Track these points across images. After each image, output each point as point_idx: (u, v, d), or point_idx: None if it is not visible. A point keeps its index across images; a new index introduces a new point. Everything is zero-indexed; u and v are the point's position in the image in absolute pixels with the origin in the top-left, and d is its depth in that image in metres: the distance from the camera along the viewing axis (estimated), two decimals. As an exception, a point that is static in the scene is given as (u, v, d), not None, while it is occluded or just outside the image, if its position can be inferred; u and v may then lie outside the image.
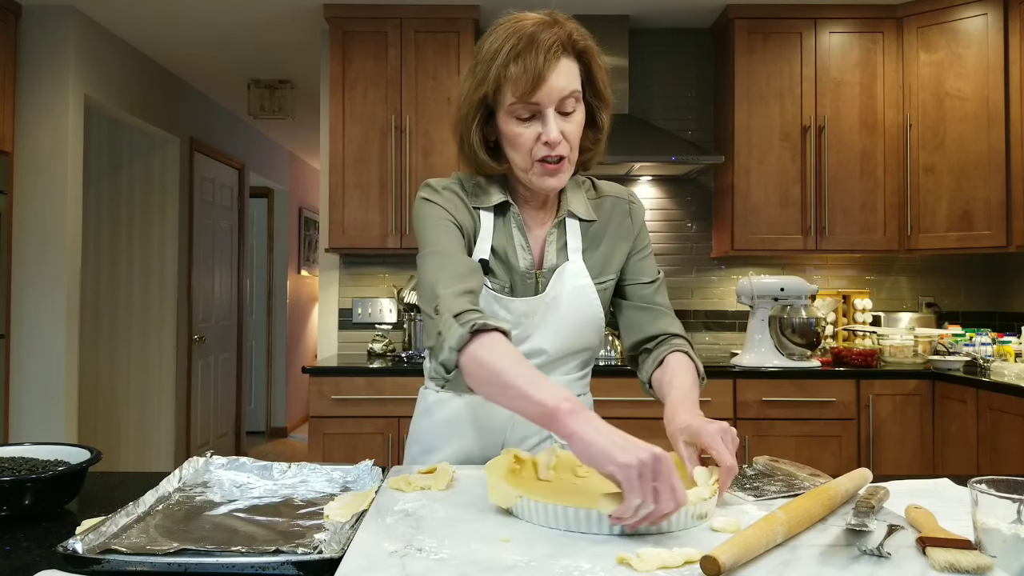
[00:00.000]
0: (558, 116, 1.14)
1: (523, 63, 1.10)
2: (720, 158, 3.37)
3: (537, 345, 1.25)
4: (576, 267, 1.25)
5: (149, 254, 4.59)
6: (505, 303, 1.23)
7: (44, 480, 0.97)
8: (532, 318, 1.24)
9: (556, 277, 1.25)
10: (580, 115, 1.18)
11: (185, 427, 4.73)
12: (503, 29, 1.15)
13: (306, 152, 7.04)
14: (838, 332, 3.67)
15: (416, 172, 3.45)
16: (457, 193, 1.26)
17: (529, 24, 1.13)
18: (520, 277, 1.25)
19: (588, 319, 1.26)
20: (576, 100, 1.16)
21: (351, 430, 3.12)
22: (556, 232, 1.28)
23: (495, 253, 1.25)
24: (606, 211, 1.32)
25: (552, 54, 1.11)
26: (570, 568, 0.76)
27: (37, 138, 3.51)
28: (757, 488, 1.06)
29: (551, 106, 1.13)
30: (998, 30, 3.24)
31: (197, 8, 3.60)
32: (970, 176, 3.30)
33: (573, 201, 1.29)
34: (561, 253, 1.27)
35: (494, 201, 1.25)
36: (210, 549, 0.80)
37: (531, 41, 1.11)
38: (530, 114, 1.14)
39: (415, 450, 1.36)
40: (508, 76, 1.12)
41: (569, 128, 1.15)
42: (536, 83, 1.10)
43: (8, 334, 3.47)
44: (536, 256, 1.27)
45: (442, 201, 1.23)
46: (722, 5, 3.54)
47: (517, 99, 1.12)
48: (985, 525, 0.77)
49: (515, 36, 1.12)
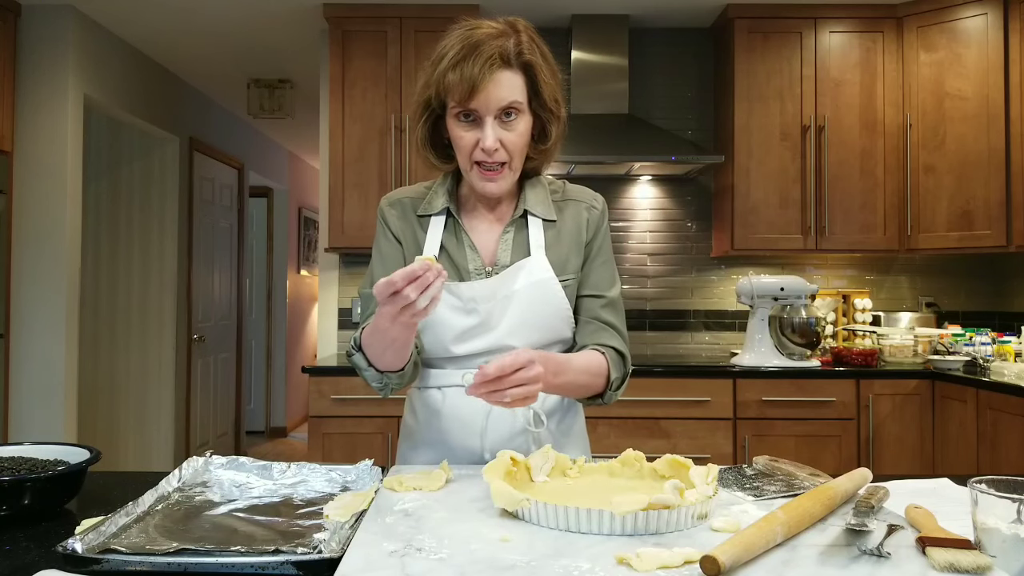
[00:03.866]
0: (498, 124, 1.18)
1: (460, 71, 1.14)
2: (720, 158, 3.37)
3: (503, 342, 1.25)
4: (538, 262, 1.27)
5: (149, 254, 4.59)
6: (453, 288, 1.25)
7: (44, 480, 0.97)
8: (486, 304, 1.25)
9: (514, 270, 1.26)
10: (522, 125, 1.20)
11: (184, 427, 4.73)
12: (456, 34, 1.18)
13: (306, 152, 7.04)
14: (838, 332, 3.67)
15: (416, 172, 3.45)
16: (407, 205, 1.34)
17: (480, 32, 1.16)
18: (468, 274, 1.28)
19: (554, 311, 1.27)
20: (517, 111, 1.19)
21: (350, 430, 3.12)
22: (513, 230, 1.30)
23: (444, 250, 1.29)
24: (568, 213, 1.33)
25: (488, 66, 1.13)
26: (570, 568, 0.76)
27: (37, 138, 3.51)
28: (757, 488, 1.06)
29: (489, 114, 1.17)
30: (998, 30, 3.24)
31: (197, 7, 3.60)
32: (970, 176, 3.30)
33: (531, 200, 1.31)
34: (519, 250, 1.29)
35: (438, 208, 1.30)
36: (209, 549, 0.80)
37: (472, 49, 1.14)
38: (470, 119, 1.18)
39: (404, 447, 1.39)
40: (448, 82, 1.15)
41: (509, 137, 1.19)
42: (471, 92, 1.14)
43: (8, 334, 3.47)
44: (488, 254, 1.30)
45: (388, 217, 1.34)
46: (722, 5, 3.54)
47: (456, 104, 1.17)
48: (985, 525, 0.77)
49: (461, 43, 1.15)
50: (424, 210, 1.32)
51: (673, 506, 0.86)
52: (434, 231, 1.30)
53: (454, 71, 1.14)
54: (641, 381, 3.13)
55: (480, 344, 1.26)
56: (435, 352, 1.30)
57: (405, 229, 1.33)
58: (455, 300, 1.25)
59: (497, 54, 1.14)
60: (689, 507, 0.88)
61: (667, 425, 3.10)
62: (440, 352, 1.29)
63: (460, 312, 1.25)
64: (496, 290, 1.25)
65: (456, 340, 1.27)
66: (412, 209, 1.33)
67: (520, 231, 1.30)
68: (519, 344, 1.26)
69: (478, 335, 1.26)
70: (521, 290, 1.25)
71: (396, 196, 1.36)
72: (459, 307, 1.25)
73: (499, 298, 1.25)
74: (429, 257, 1.00)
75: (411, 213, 1.33)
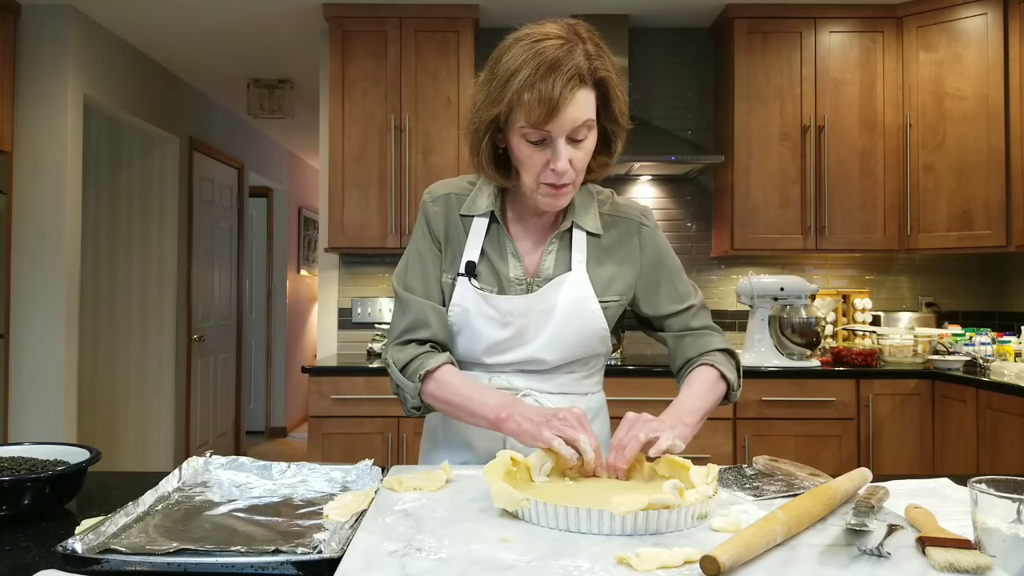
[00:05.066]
0: (568, 143, 1.13)
1: (539, 92, 1.07)
2: (720, 158, 3.37)
3: (536, 355, 1.24)
4: (578, 278, 1.24)
5: (148, 254, 4.59)
6: (491, 300, 1.23)
7: (44, 480, 0.97)
8: (522, 319, 1.23)
9: (554, 286, 1.24)
10: (591, 141, 1.16)
11: (184, 427, 4.73)
12: (523, 48, 1.10)
13: (305, 152, 7.04)
14: (838, 332, 3.67)
15: (415, 171, 3.45)
16: (452, 202, 1.29)
17: (550, 45, 1.09)
18: (509, 283, 1.25)
19: (590, 331, 1.25)
20: (588, 128, 1.13)
21: (350, 430, 3.12)
22: (558, 242, 1.27)
23: (486, 256, 1.26)
24: (617, 231, 1.30)
25: (569, 88, 1.08)
26: (570, 568, 0.76)
27: (36, 138, 3.51)
28: (757, 488, 1.06)
29: (562, 135, 1.11)
30: (998, 30, 3.24)
31: (197, 7, 3.60)
32: (970, 176, 3.30)
33: (581, 213, 1.27)
34: (561, 263, 1.26)
35: (482, 210, 1.26)
36: (209, 549, 0.80)
37: (550, 69, 1.07)
38: (540, 139, 1.13)
39: (427, 446, 1.38)
40: (522, 102, 1.09)
41: (578, 156, 1.14)
42: (550, 115, 1.08)
43: (7, 334, 3.46)
44: (532, 264, 1.27)
45: (430, 214, 1.30)
46: (722, 5, 3.54)
47: (528, 125, 1.11)
48: (985, 525, 0.77)
49: (535, 60, 1.08)
50: (468, 209, 1.27)
51: (673, 506, 0.86)
52: (476, 234, 1.26)
53: (531, 91, 1.07)
54: (641, 381, 3.13)
55: (512, 357, 1.25)
56: (465, 357, 1.29)
57: (447, 229, 1.28)
58: (492, 311, 1.23)
59: (576, 74, 1.08)
60: (689, 507, 0.88)
61: (667, 425, 3.10)
62: (470, 358, 1.29)
63: (496, 324, 1.24)
64: (533, 305, 1.23)
65: (488, 351, 1.26)
66: (456, 206, 1.29)
67: (565, 243, 1.27)
68: (551, 359, 1.25)
69: (511, 348, 1.25)
70: (558, 306, 1.23)
71: (440, 191, 1.31)
72: (495, 319, 1.24)
73: (535, 312, 1.23)
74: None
75: (455, 210, 1.29)
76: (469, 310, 1.24)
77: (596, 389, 1.36)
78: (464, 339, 1.27)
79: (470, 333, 1.25)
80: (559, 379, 1.28)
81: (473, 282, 1.25)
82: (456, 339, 1.28)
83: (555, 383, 1.28)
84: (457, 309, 1.25)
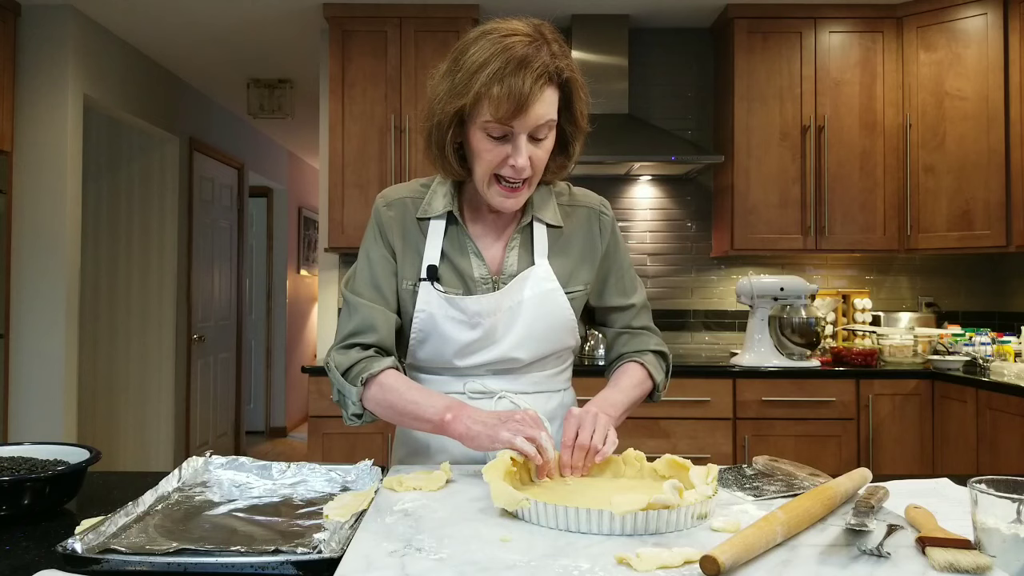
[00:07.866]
0: (529, 141, 1.13)
1: (508, 87, 1.07)
2: (720, 158, 3.37)
3: (508, 354, 1.24)
4: (543, 271, 1.24)
5: (148, 254, 4.59)
6: (457, 303, 1.22)
7: (43, 480, 0.97)
8: (491, 319, 1.22)
9: (519, 281, 1.23)
10: (550, 141, 1.17)
11: (184, 427, 4.73)
12: (491, 42, 1.10)
13: (305, 151, 7.04)
14: (838, 332, 3.67)
15: (415, 171, 3.45)
16: (408, 206, 1.27)
17: (517, 42, 1.09)
18: (475, 283, 1.24)
19: (560, 323, 1.25)
20: (550, 128, 1.15)
21: (350, 430, 3.12)
22: (520, 237, 1.27)
23: (447, 258, 1.25)
24: (576, 220, 1.30)
25: (539, 85, 1.08)
26: (569, 568, 0.76)
27: (36, 137, 3.51)
28: (757, 488, 1.06)
29: (525, 132, 1.12)
30: (998, 30, 3.24)
31: (197, 7, 3.60)
32: (970, 176, 3.30)
33: (540, 207, 1.27)
34: (524, 258, 1.25)
35: (439, 211, 1.25)
36: (209, 549, 0.80)
37: (520, 65, 1.07)
38: (502, 134, 1.12)
39: (402, 452, 1.35)
40: (490, 95, 1.08)
41: (538, 154, 1.15)
42: (518, 111, 1.08)
43: (7, 333, 3.46)
44: (495, 261, 1.26)
45: (384, 219, 1.27)
46: (722, 5, 3.54)
47: (493, 119, 1.10)
48: (985, 525, 0.77)
49: (505, 55, 1.08)
50: (424, 212, 1.26)
51: (673, 506, 0.86)
52: (434, 236, 1.25)
53: (500, 85, 1.07)
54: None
55: (484, 357, 1.24)
56: (435, 362, 1.28)
57: (404, 234, 1.26)
58: (458, 314, 1.22)
59: (544, 72, 1.09)
60: (689, 507, 0.88)
61: (667, 425, 3.11)
62: (440, 363, 1.27)
63: (464, 326, 1.22)
64: (500, 302, 1.22)
65: (458, 354, 1.24)
66: (412, 209, 1.27)
67: (527, 237, 1.27)
68: (523, 356, 1.24)
69: (481, 349, 1.24)
70: (526, 301, 1.22)
71: (395, 195, 1.29)
72: (463, 321, 1.22)
73: (503, 310, 1.22)
74: None
75: (411, 215, 1.27)
76: (435, 315, 1.23)
77: (566, 386, 1.37)
78: (433, 344, 1.25)
79: (438, 338, 1.24)
80: (532, 376, 1.28)
81: (436, 286, 1.23)
82: (424, 345, 1.26)
83: (528, 381, 1.28)
84: (423, 315, 1.23)
